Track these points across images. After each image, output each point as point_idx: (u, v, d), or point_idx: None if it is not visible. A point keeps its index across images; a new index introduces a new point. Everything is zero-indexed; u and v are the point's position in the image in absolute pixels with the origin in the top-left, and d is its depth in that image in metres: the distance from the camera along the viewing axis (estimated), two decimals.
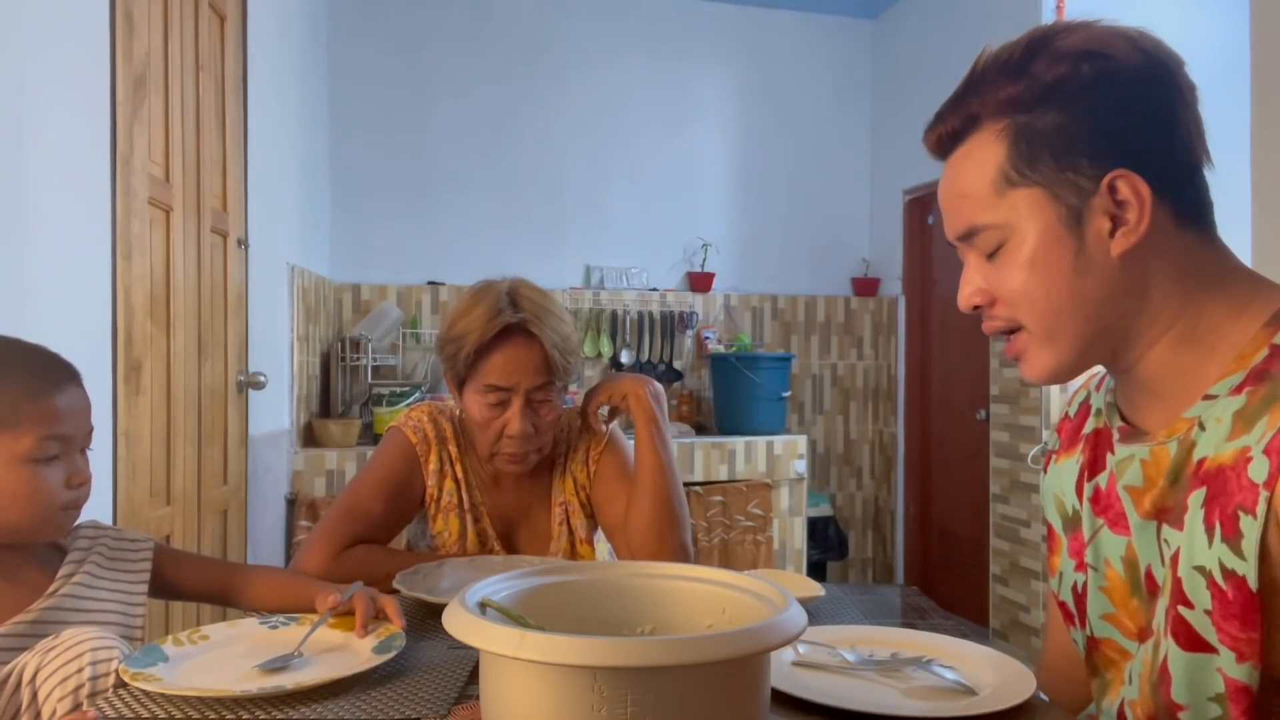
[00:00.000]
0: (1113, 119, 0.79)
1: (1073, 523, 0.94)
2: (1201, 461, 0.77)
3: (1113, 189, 0.79)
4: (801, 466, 4.15)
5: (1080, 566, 0.92)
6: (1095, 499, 0.89)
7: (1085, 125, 0.79)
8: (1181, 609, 0.76)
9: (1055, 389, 3.63)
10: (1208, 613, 0.74)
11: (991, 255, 0.85)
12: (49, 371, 1.10)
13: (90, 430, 1.14)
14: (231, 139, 2.59)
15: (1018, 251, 0.82)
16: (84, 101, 1.73)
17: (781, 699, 0.91)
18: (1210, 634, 0.75)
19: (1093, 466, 0.91)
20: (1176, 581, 0.77)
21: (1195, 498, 0.76)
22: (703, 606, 0.88)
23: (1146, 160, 0.79)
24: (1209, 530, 0.74)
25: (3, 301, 1.45)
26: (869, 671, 1.00)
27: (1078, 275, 0.81)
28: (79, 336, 1.70)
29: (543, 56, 4.59)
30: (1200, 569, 0.75)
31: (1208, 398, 0.79)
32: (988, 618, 3.97)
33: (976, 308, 0.88)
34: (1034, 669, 1.00)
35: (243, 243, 2.69)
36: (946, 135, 0.88)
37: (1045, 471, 1.00)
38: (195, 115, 2.31)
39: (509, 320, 1.42)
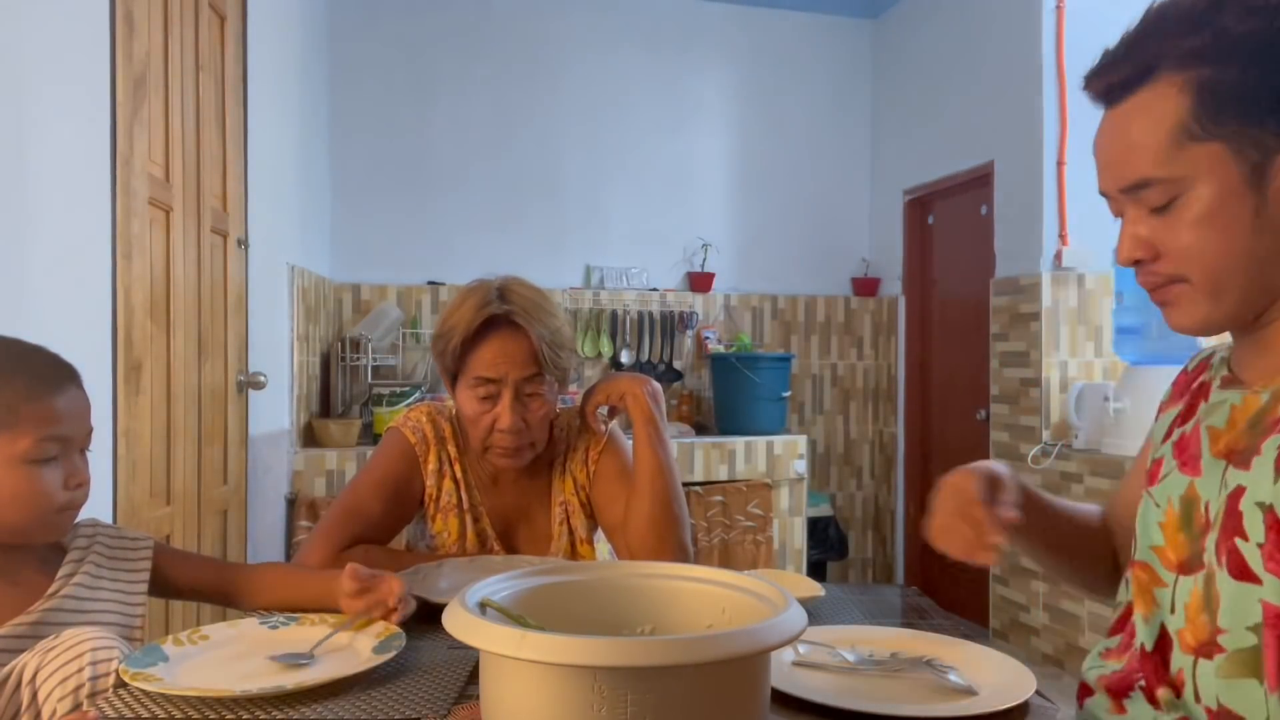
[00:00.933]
0: None
1: (1154, 466, 0.97)
2: None
3: None
4: (801, 466, 4.15)
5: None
6: (1179, 443, 0.92)
7: (1274, 82, 0.78)
8: (1237, 540, 0.79)
9: (1055, 389, 3.63)
10: (1260, 546, 0.77)
11: (1160, 209, 0.83)
12: (48, 372, 1.09)
13: (89, 431, 1.13)
14: (231, 139, 2.59)
15: (1192, 207, 0.81)
16: (84, 102, 1.73)
17: (781, 699, 0.91)
18: (1258, 565, 0.77)
19: (1186, 414, 0.94)
20: (1237, 515, 0.79)
21: (1271, 442, 0.79)
22: (703, 606, 0.88)
23: None
24: (1277, 469, 0.77)
25: (3, 301, 1.45)
26: (869, 671, 1.00)
27: (1255, 233, 0.81)
28: (79, 336, 1.70)
29: (542, 56, 4.59)
30: (1261, 504, 0.77)
31: None
32: (988, 618, 3.97)
33: (1138, 261, 0.87)
34: (1034, 668, 1.00)
35: (243, 243, 2.69)
36: (1117, 83, 0.85)
37: (1155, 422, 1.04)
38: (195, 115, 2.31)
39: (495, 311, 1.43)
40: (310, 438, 3.67)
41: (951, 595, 4.42)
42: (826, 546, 4.52)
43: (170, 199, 2.13)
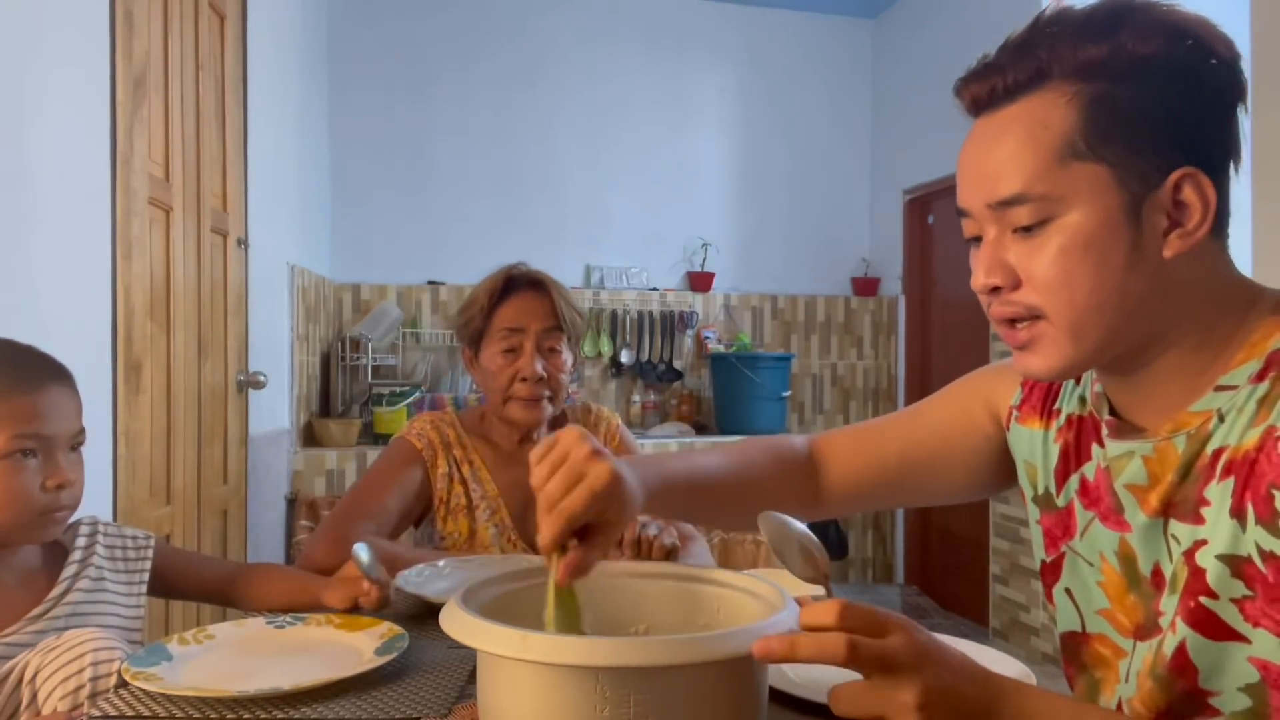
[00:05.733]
0: (1193, 111, 0.73)
1: (1044, 500, 0.93)
2: (1219, 452, 0.75)
3: (1177, 187, 0.73)
4: None
5: (1051, 547, 0.92)
6: (1084, 491, 0.87)
7: (1165, 112, 0.73)
8: (1204, 599, 0.74)
9: None
10: (1235, 601, 0.73)
11: (1028, 230, 0.75)
12: (27, 370, 1.08)
13: (77, 431, 1.12)
14: (231, 139, 2.59)
15: (1066, 232, 0.74)
16: (84, 101, 1.73)
17: (781, 699, 0.91)
18: (1239, 623, 0.73)
19: (1077, 455, 0.89)
20: (1198, 572, 0.75)
21: (1219, 489, 0.74)
22: (701, 606, 0.88)
23: (1211, 161, 0.74)
24: (1239, 516, 0.72)
25: (4, 301, 1.45)
26: None
27: (1128, 270, 0.74)
28: (79, 336, 1.70)
29: (543, 56, 4.59)
30: (1226, 557, 0.73)
31: (1220, 389, 0.76)
32: (988, 618, 3.97)
33: (996, 289, 0.78)
34: (1034, 668, 0.99)
35: (243, 243, 2.69)
36: (1004, 87, 0.77)
37: (1008, 428, 0.98)
38: (195, 115, 2.31)
39: (517, 273, 1.62)
40: (310, 437, 3.67)
41: (951, 595, 4.42)
42: (826, 546, 4.51)
43: (170, 199, 2.13)
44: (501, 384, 1.57)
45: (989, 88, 0.78)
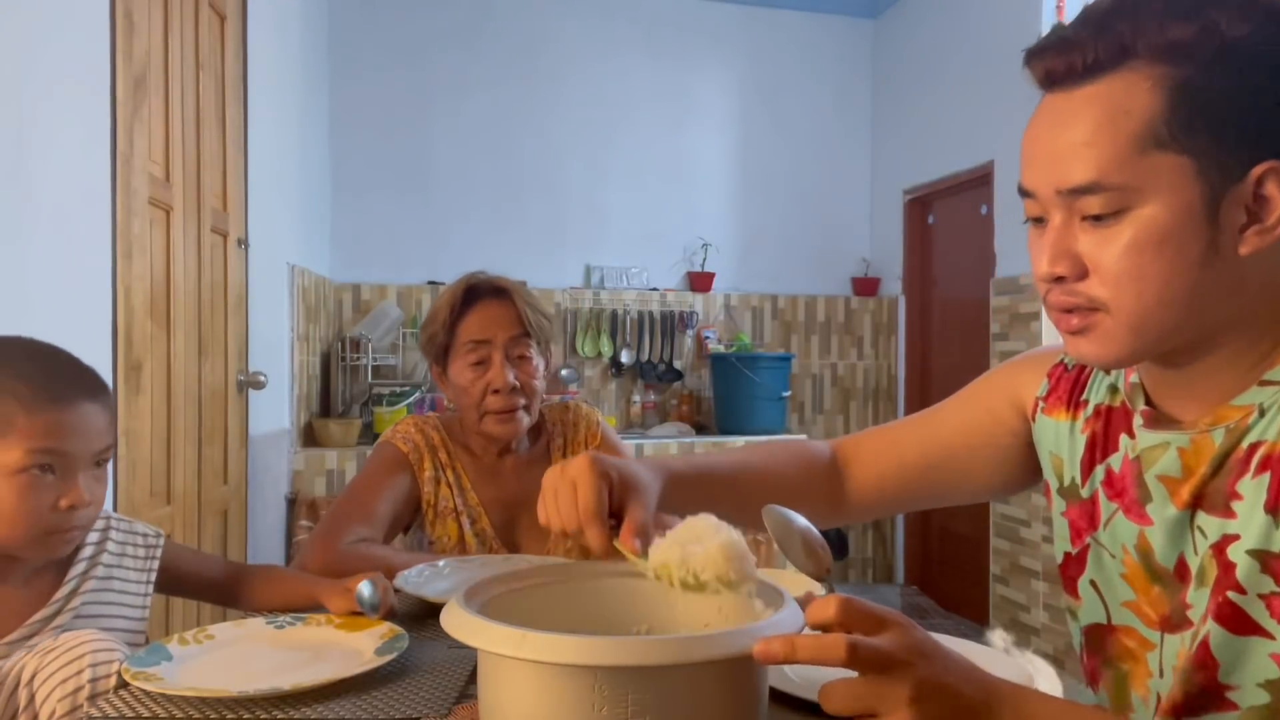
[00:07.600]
0: None
1: (1069, 492, 0.91)
2: (1254, 447, 0.73)
3: (1259, 181, 0.70)
4: None
5: (1076, 539, 0.90)
6: (1109, 482, 0.86)
7: (1254, 101, 0.69)
8: (1231, 594, 0.73)
9: None
10: (1262, 597, 0.72)
11: (1099, 219, 0.72)
12: (58, 384, 1.05)
13: (103, 449, 1.08)
14: (231, 139, 2.59)
15: (1141, 225, 0.71)
16: (84, 101, 1.73)
17: (781, 699, 0.91)
18: (1265, 619, 0.72)
19: (1104, 446, 0.87)
20: (1228, 567, 0.74)
21: (1254, 484, 0.73)
22: (701, 606, 0.87)
23: None
24: (1273, 512, 0.71)
25: (4, 301, 1.45)
26: None
27: (1202, 267, 0.71)
28: (79, 336, 1.70)
29: (543, 56, 4.59)
30: (1257, 553, 0.72)
31: (1265, 383, 0.75)
32: (988, 618, 3.98)
33: (1060, 278, 0.75)
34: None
35: (243, 243, 2.69)
36: (1083, 64, 0.72)
37: (1034, 419, 0.96)
38: (195, 115, 2.31)
39: (477, 282, 1.59)
40: (310, 438, 3.67)
41: (951, 595, 4.42)
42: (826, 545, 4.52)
43: (170, 199, 2.13)
44: (474, 398, 1.54)
45: (1066, 63, 0.73)
